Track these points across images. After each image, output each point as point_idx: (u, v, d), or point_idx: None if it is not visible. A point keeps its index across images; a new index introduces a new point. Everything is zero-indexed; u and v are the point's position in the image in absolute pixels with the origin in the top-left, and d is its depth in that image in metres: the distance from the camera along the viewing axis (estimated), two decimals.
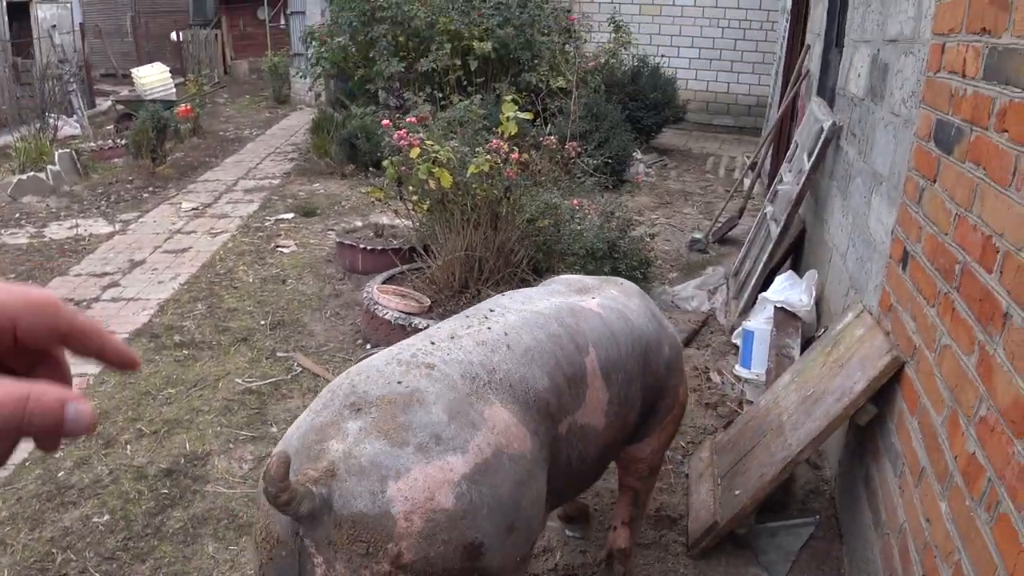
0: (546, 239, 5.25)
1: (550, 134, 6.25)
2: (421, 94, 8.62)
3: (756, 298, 5.11)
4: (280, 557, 1.79)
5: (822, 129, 4.74)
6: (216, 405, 4.29)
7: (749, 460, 3.44)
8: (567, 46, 9.58)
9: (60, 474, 3.71)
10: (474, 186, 4.97)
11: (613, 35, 9.61)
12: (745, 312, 5.13)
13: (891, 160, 3.36)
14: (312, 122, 9.82)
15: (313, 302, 5.64)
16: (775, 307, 4.67)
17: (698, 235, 7.00)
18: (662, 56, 10.54)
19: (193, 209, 7.78)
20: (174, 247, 6.72)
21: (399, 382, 1.93)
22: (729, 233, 7.08)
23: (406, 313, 4.89)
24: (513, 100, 4.95)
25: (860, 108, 4.10)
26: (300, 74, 10.74)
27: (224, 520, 3.42)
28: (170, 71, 11.81)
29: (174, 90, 10.92)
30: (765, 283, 5.10)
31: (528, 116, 4.93)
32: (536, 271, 5.21)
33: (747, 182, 7.67)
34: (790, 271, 5.05)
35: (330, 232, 7.17)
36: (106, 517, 3.42)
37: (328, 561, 1.73)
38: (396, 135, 5.30)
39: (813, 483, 3.76)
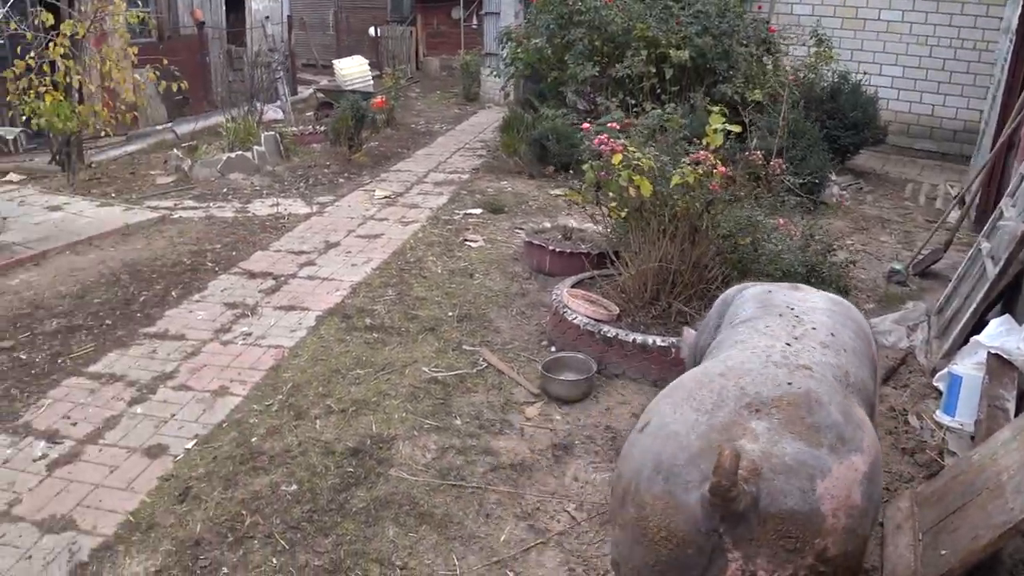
0: (742, 257, 4.95)
1: (755, 148, 5.90)
2: (614, 99, 8.51)
3: (964, 340, 4.60)
4: (685, 555, 1.89)
5: None
6: (402, 391, 4.31)
7: (959, 519, 3.08)
8: (764, 58, 9.14)
9: (253, 439, 3.83)
10: (675, 197, 4.76)
11: (814, 49, 9.07)
12: (950, 354, 4.63)
13: None
14: (502, 120, 9.91)
15: (499, 298, 5.60)
16: (989, 353, 4.18)
17: (898, 266, 6.41)
18: (864, 73, 9.84)
19: (385, 197, 8.01)
20: (367, 232, 6.93)
21: (789, 383, 2.07)
22: (932, 267, 6.43)
23: (595, 320, 4.74)
24: (721, 112, 4.68)
25: None
26: (494, 73, 10.90)
27: (406, 506, 3.39)
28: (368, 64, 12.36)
29: (372, 82, 11.39)
30: (975, 326, 4.59)
31: (736, 128, 4.65)
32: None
33: (954, 214, 6.96)
34: (1007, 315, 4.47)
35: (517, 230, 7.15)
36: (293, 487, 3.48)
37: (747, 556, 1.83)
38: (596, 139, 5.18)
39: (1022, 552, 3.28)
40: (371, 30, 14.42)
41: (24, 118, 7.47)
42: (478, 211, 7.64)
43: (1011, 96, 6.94)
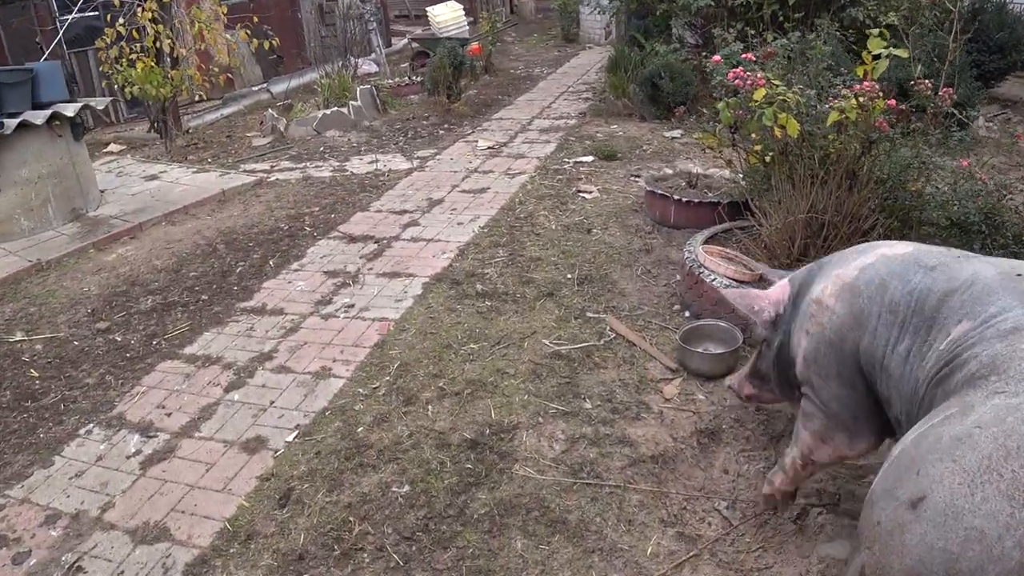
0: (903, 205, 4.14)
1: (922, 76, 4.99)
2: (732, 30, 7.60)
3: None
4: None
5: None
6: (522, 368, 3.78)
7: None
8: None
9: (359, 430, 3.38)
10: (830, 136, 3.99)
11: None
12: None
13: None
14: (607, 61, 9.15)
15: (622, 256, 4.98)
16: None
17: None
18: None
19: (489, 148, 7.45)
20: (472, 187, 6.40)
21: None
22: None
23: (739, 281, 4.07)
24: (880, 34, 3.84)
25: None
26: (597, 10, 10.06)
27: (535, 511, 2.88)
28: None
29: (467, 28, 10.77)
30: None
31: (904, 54, 3.80)
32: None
33: None
34: None
35: (633, 178, 6.48)
36: (406, 488, 3.02)
37: None
38: (731, 73, 4.43)
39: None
40: None
41: (118, 87, 7.23)
42: (589, 158, 6.99)
43: None
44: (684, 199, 5.30)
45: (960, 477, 1.51)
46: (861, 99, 3.69)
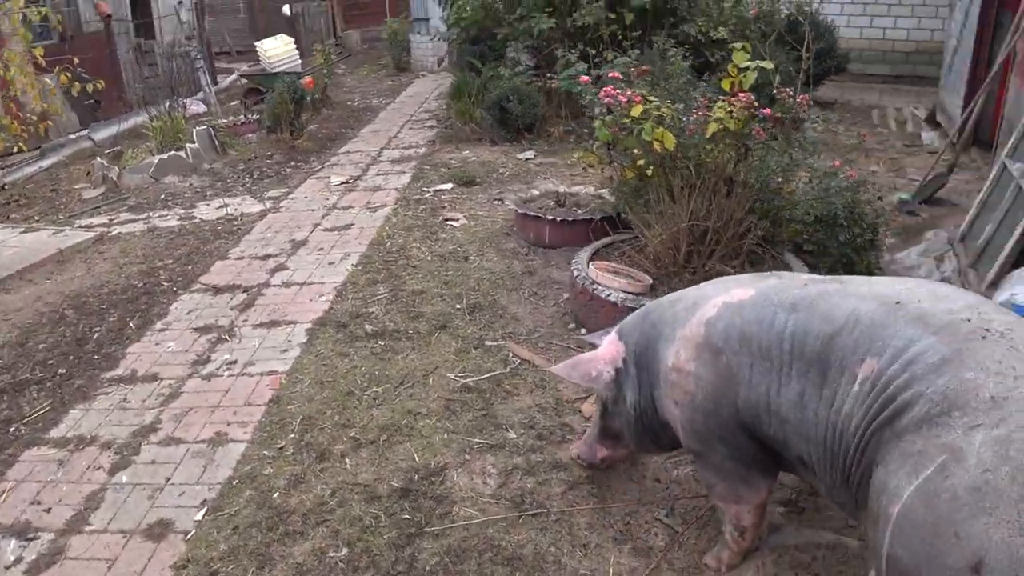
0: (773, 206, 4.39)
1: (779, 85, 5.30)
2: (573, 51, 7.84)
3: (1010, 267, 4.17)
4: None
5: None
6: (434, 406, 3.64)
7: None
8: None
9: (275, 495, 3.12)
10: (708, 147, 4.16)
11: None
12: (996, 283, 4.18)
13: None
14: (450, 87, 9.16)
15: (506, 281, 4.95)
16: None
17: (905, 195, 5.98)
18: (820, 2, 9.39)
19: (343, 183, 7.22)
20: (335, 224, 6.16)
21: None
22: (937, 193, 6.01)
23: (632, 294, 4.13)
24: (743, 48, 4.06)
25: None
26: (439, 37, 10.00)
27: (488, 552, 2.76)
28: None
29: (299, 62, 10.43)
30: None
31: (770, 66, 4.03)
32: (765, 242, 4.36)
33: (927, 136, 6.55)
34: None
35: (496, 202, 6.48)
36: (344, 551, 2.81)
37: None
38: (603, 92, 4.53)
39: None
40: (284, 8, 13.34)
41: None
42: (449, 186, 6.93)
43: (987, 14, 6.52)
44: (558, 218, 5.35)
45: (1006, 530, 1.52)
46: (733, 110, 3.87)
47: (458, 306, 4.64)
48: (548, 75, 8.07)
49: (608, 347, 2.80)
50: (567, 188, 6.01)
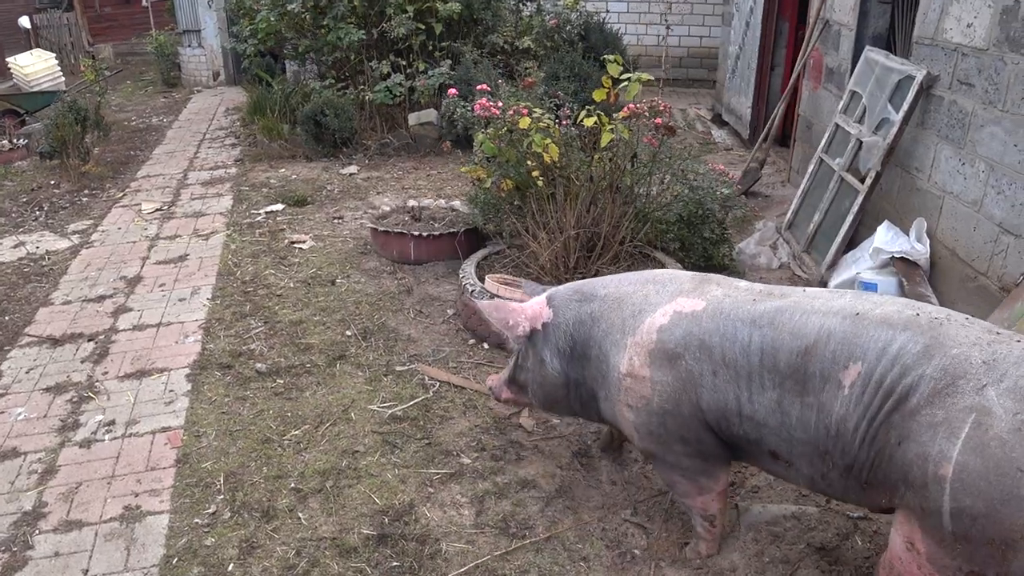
0: (648, 209, 4.60)
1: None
2: (384, 62, 7.68)
3: (844, 250, 4.74)
4: None
5: (911, 79, 4.32)
6: (369, 442, 3.39)
7: None
8: (521, 4, 8.81)
9: (231, 567, 2.74)
10: (595, 156, 4.26)
11: None
12: (832, 266, 4.74)
13: None
14: (248, 103, 8.57)
15: (385, 302, 4.72)
16: (895, 257, 4.30)
17: (726, 190, 6.54)
18: (607, 11, 10.00)
19: (157, 210, 6.47)
20: (167, 256, 5.50)
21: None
22: (752, 187, 6.65)
23: None
24: (615, 61, 4.20)
25: (981, 58, 3.76)
26: (230, 46, 9.19)
27: None
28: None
29: (63, 79, 9.17)
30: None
31: (648, 77, 4.19)
32: (651, 245, 4.56)
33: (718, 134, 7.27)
34: (886, 222, 4.62)
35: (336, 220, 6.16)
36: None
37: None
38: (477, 106, 4.48)
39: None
40: (22, 20, 11.65)
41: None
42: (279, 206, 6.47)
43: (768, 23, 7.28)
44: (424, 234, 5.19)
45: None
46: (627, 121, 3.98)
47: (347, 333, 4.35)
48: (361, 88, 7.81)
49: (535, 306, 2.89)
50: (417, 202, 5.85)
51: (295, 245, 5.66)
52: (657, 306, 2.54)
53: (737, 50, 7.94)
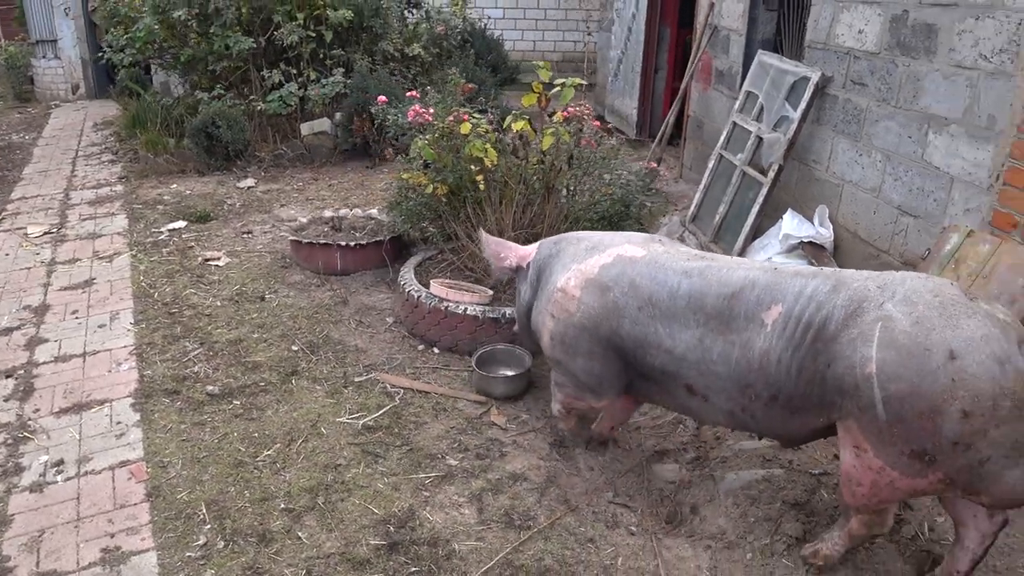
0: (574, 208, 4.75)
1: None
2: (276, 71, 7.47)
3: (751, 238, 5.10)
4: None
5: (807, 79, 4.72)
6: (349, 454, 3.33)
7: None
8: (408, 12, 8.79)
9: None
10: (533, 159, 4.35)
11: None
12: (742, 253, 5.09)
13: (966, 105, 3.60)
14: (126, 117, 8.08)
15: (322, 315, 4.62)
16: (803, 241, 4.69)
17: (650, 186, 6.84)
18: (487, 18, 10.11)
19: (46, 233, 5.99)
20: (71, 281, 5.11)
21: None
22: (651, 185, 6.97)
23: (481, 305, 4.18)
24: (544, 67, 4.32)
25: (873, 60, 4.20)
26: (105, 58, 8.49)
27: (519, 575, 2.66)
28: None
29: None
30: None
31: (579, 82, 4.32)
32: None
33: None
34: (790, 210, 5.01)
35: (246, 235, 5.94)
36: None
37: None
38: (411, 113, 4.47)
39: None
40: None
41: None
42: (181, 224, 6.15)
43: (651, 28, 7.63)
44: (351, 244, 5.11)
45: (950, 329, 2.16)
46: (568, 125, 4.10)
47: (293, 348, 4.23)
48: (252, 99, 7.53)
49: (526, 249, 3.36)
50: (335, 213, 5.74)
51: (210, 262, 5.41)
52: (607, 247, 2.94)
53: (619, 54, 8.27)
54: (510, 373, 3.86)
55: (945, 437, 2.13)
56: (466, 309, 4.13)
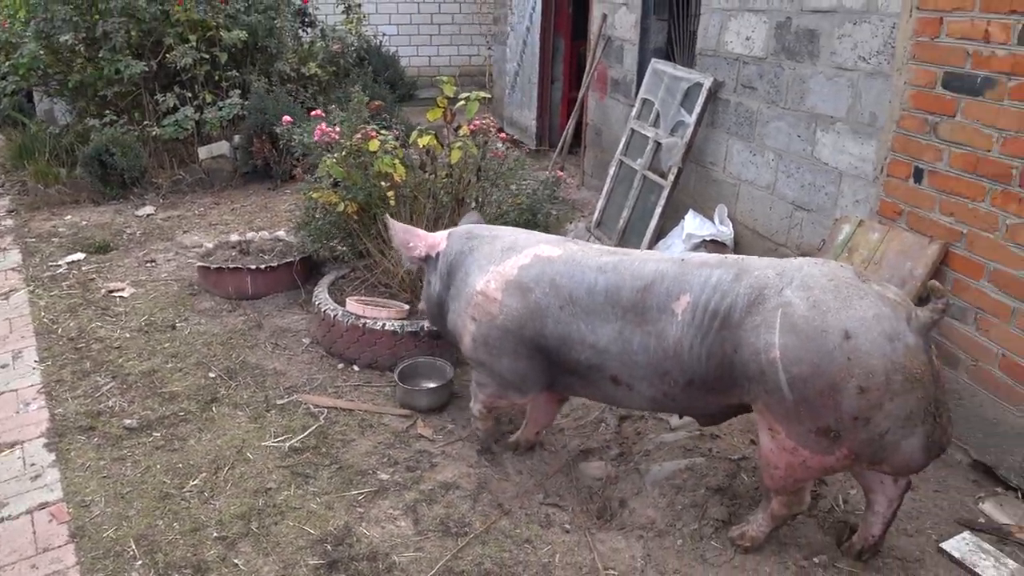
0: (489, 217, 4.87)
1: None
2: (170, 95, 7.30)
3: (656, 239, 5.36)
4: None
5: (700, 85, 5.02)
6: (278, 477, 3.33)
7: None
8: (303, 31, 8.72)
9: None
10: (441, 172, 4.44)
11: (345, 16, 9.00)
12: None
13: (849, 104, 3.94)
14: (11, 148, 7.71)
15: (237, 340, 4.57)
16: (705, 240, 4.98)
17: (558, 194, 7.01)
18: (382, 35, 10.12)
19: None
20: None
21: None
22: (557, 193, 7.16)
23: (402, 319, 4.24)
24: (448, 82, 4.42)
25: (762, 65, 4.52)
26: None
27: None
28: None
29: None
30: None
31: (486, 95, 4.44)
32: None
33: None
34: (691, 211, 5.29)
35: (149, 264, 5.79)
36: None
37: None
38: (317, 131, 4.49)
39: None
40: None
41: None
42: (80, 256, 5.93)
43: (546, 41, 7.85)
44: (262, 267, 5.06)
45: (844, 312, 2.34)
46: (473, 138, 4.20)
47: (211, 375, 4.18)
48: (145, 124, 7.32)
49: (436, 237, 3.36)
50: (242, 236, 5.66)
51: (114, 294, 5.25)
52: (524, 248, 3.02)
53: (515, 67, 8.46)
54: (433, 385, 3.93)
55: (846, 413, 2.31)
56: (384, 325, 4.17)
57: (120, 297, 5.22)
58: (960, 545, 2.82)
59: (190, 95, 7.41)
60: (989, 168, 3.19)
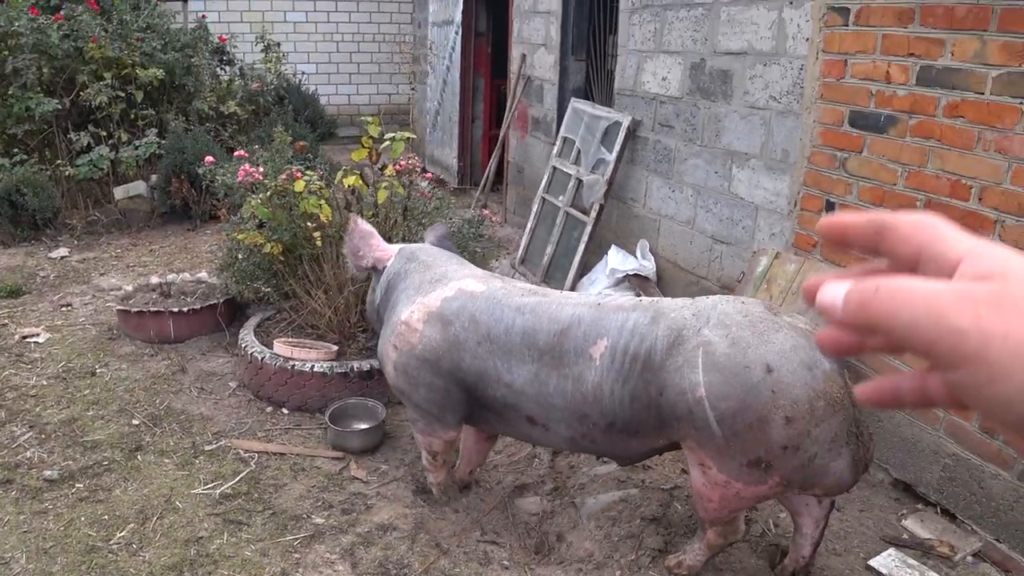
0: None
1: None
2: (84, 134, 7.13)
3: (580, 275, 5.54)
4: None
5: (619, 124, 5.26)
6: (210, 526, 3.28)
7: None
8: (220, 69, 8.65)
9: None
10: (368, 212, 4.48)
11: (264, 55, 8.98)
12: (572, 289, 5.50)
13: (763, 141, 4.16)
14: None
15: (160, 385, 4.47)
16: (628, 274, 5.17)
17: (485, 232, 7.11)
18: (303, 73, 10.12)
19: None
20: None
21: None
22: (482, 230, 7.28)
23: (331, 360, 4.25)
24: (374, 122, 4.49)
25: (678, 104, 4.78)
26: None
27: None
28: None
29: None
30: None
31: (411, 135, 4.52)
32: None
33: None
34: (613, 246, 5.47)
35: (64, 308, 5.61)
36: None
37: None
38: (241, 171, 4.48)
39: None
40: None
41: None
42: None
43: (466, 80, 8.01)
44: (184, 309, 4.98)
45: (765, 347, 2.40)
46: (398, 178, 4.27)
47: (134, 422, 4.08)
48: (59, 163, 7.12)
49: (388, 251, 3.40)
50: (162, 278, 5.56)
51: (28, 339, 5.06)
52: (450, 280, 3.05)
53: (436, 106, 8.60)
54: (365, 426, 3.94)
55: (775, 443, 2.36)
56: (313, 367, 4.17)
57: (35, 343, 5.04)
58: (887, 561, 3.00)
59: (105, 134, 7.26)
60: (895, 201, 3.41)
